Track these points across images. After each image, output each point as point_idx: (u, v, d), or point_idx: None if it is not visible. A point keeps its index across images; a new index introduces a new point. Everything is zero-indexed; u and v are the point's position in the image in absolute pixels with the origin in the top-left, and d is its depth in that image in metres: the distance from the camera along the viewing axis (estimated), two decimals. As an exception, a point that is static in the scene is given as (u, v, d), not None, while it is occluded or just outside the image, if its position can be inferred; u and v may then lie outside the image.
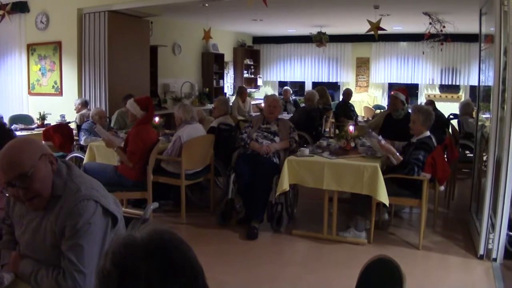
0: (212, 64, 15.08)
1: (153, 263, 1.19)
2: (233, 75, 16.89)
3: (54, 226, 2.29)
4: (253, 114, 12.02)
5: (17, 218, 2.52)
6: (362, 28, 10.62)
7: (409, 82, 15.65)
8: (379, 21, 9.74)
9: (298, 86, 17.93)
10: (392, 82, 16.09)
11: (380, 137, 5.87)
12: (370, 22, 9.77)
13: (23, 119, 9.85)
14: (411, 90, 14.71)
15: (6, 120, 9.17)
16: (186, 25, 13.81)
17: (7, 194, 2.37)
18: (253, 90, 17.36)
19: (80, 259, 2.22)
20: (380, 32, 10.01)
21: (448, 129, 8.84)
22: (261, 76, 18.02)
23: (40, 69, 10.74)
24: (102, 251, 2.29)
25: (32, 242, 2.39)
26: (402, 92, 7.39)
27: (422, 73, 15.61)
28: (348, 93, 12.05)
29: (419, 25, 11.02)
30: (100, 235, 2.30)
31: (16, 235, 2.54)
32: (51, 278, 2.23)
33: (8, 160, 2.27)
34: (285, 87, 14.22)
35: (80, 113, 8.82)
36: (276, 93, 16.25)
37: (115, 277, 1.19)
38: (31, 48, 10.82)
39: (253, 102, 14.14)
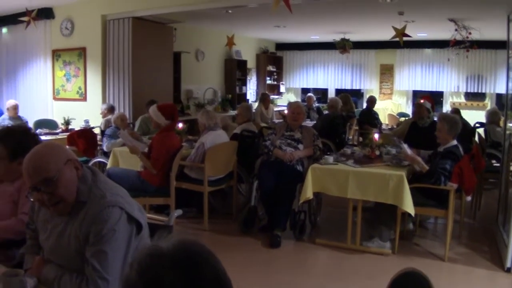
0: (235, 70, 15.09)
1: (179, 275, 1.15)
2: (256, 82, 16.86)
3: (79, 232, 2.28)
4: (276, 121, 11.96)
5: (42, 223, 2.51)
6: (386, 34, 10.54)
7: (433, 89, 15.47)
8: (404, 28, 9.65)
9: (321, 93, 17.84)
10: (416, 89, 15.93)
11: (405, 146, 5.80)
12: (395, 28, 9.69)
13: (48, 124, 9.91)
14: (436, 97, 14.56)
15: (31, 124, 9.26)
16: (209, 31, 13.83)
17: (31, 199, 2.35)
18: (276, 96, 17.30)
19: (104, 266, 2.20)
20: (404, 38, 9.92)
21: (474, 138, 8.73)
22: (284, 82, 17.98)
23: (64, 75, 10.83)
24: (126, 258, 2.28)
25: (56, 247, 2.38)
26: (428, 100, 7.31)
27: (447, 80, 15.43)
28: (372, 100, 11.97)
29: (444, 32, 10.91)
30: (124, 242, 2.28)
31: (40, 240, 2.53)
32: (74, 284, 2.22)
33: (34, 165, 2.27)
34: (309, 94, 14.16)
35: (105, 118, 8.86)
36: (299, 100, 16.20)
37: (140, 287, 1.16)
38: (56, 54, 10.92)
39: (276, 109, 14.09)
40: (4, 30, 11.89)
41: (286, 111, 7.66)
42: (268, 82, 17.21)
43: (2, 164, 3.17)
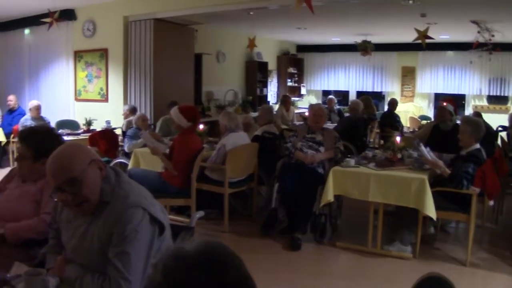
0: (255, 72, 15.12)
1: (204, 276, 1.15)
2: (276, 84, 16.88)
3: (102, 232, 2.29)
4: (297, 123, 11.94)
5: (65, 223, 2.53)
6: (407, 36, 10.50)
7: (455, 92, 15.36)
8: (426, 30, 9.59)
9: (342, 96, 17.78)
10: (438, 92, 15.85)
11: (427, 149, 5.75)
12: (417, 30, 9.63)
13: (70, 124, 10.01)
14: (458, 100, 14.47)
15: (53, 125, 9.35)
16: (230, 33, 13.87)
17: (55, 199, 2.37)
18: (297, 98, 17.29)
19: (126, 267, 2.20)
20: (427, 41, 9.86)
21: (497, 141, 8.65)
22: (304, 84, 17.98)
23: (86, 76, 10.92)
24: (148, 259, 2.28)
25: (78, 247, 2.39)
26: (450, 103, 7.26)
27: (470, 83, 15.30)
28: (393, 103, 11.89)
29: (467, 34, 10.84)
30: (146, 243, 2.28)
31: (63, 240, 2.54)
32: (97, 284, 2.22)
33: (58, 165, 2.29)
34: (330, 96, 14.12)
35: (127, 119, 8.91)
36: (320, 102, 16.16)
37: None
38: (78, 55, 11.02)
39: (296, 111, 14.07)
40: (27, 31, 12.01)
41: (307, 113, 7.65)
42: (289, 84, 17.23)
43: (25, 164, 3.20)
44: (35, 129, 3.38)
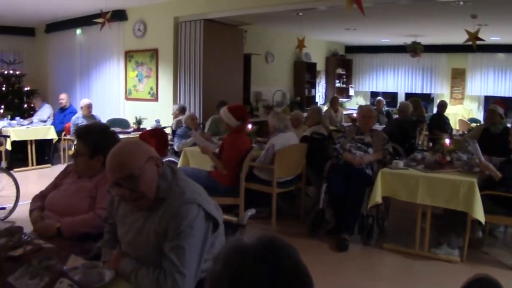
0: (304, 73, 15.13)
1: (264, 268, 1.19)
2: (324, 85, 16.85)
3: (158, 227, 2.34)
4: (345, 124, 11.92)
5: (121, 218, 2.60)
6: (457, 38, 10.37)
7: (506, 95, 15.05)
8: (477, 31, 9.46)
9: (391, 97, 17.61)
10: (488, 94, 15.57)
11: (478, 147, 5.69)
12: (468, 32, 9.52)
13: (120, 123, 10.19)
14: (508, 103, 14.19)
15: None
16: (279, 34, 13.90)
17: (113, 194, 2.44)
18: (345, 100, 17.21)
19: (181, 261, 2.25)
20: (477, 42, 9.73)
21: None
22: (353, 86, 17.89)
23: (137, 75, 11.10)
24: (202, 254, 2.33)
25: (134, 241, 2.45)
26: (501, 105, 7.16)
27: (521, 86, 15.05)
28: (443, 105, 11.75)
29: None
30: (201, 238, 2.33)
31: (119, 234, 2.61)
32: (152, 278, 2.27)
33: (118, 161, 2.37)
34: (378, 98, 14.04)
35: (176, 119, 9.04)
36: (369, 104, 16.06)
37: (226, 280, 1.21)
38: (128, 55, 11.21)
39: (344, 112, 14.03)
40: (79, 31, 12.28)
41: (355, 115, 7.62)
42: (337, 85, 17.16)
43: (82, 161, 3.30)
44: (92, 127, 3.45)
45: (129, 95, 11.37)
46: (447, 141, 6.39)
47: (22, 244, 2.76)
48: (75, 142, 3.57)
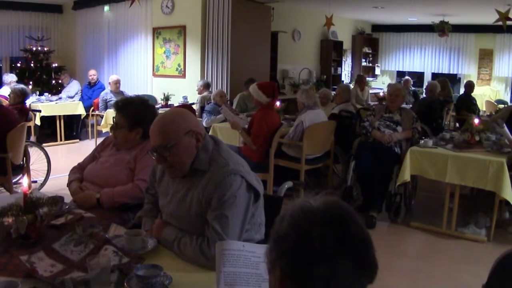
0: (330, 51, 15.07)
1: (330, 229, 1.22)
2: (351, 63, 16.78)
3: (201, 196, 2.38)
4: (371, 103, 11.86)
5: (164, 188, 2.64)
6: (486, 18, 10.26)
7: (535, 76, 14.92)
8: (508, 11, 9.35)
9: (417, 77, 17.47)
10: (517, 76, 15.43)
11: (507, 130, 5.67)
12: (499, 12, 9.40)
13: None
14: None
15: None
16: (307, 11, 13.83)
17: (153, 157, 2.48)
18: (371, 79, 17.13)
19: (225, 229, 2.30)
20: (508, 23, 9.61)
21: None
22: (379, 65, 17.79)
23: (164, 52, 11.13)
24: (244, 223, 2.38)
25: (176, 211, 2.50)
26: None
27: (551, 67, 14.84)
28: (470, 85, 11.65)
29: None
30: (243, 208, 2.38)
31: (161, 205, 2.66)
32: (195, 245, 2.31)
33: (157, 129, 2.43)
34: (406, 77, 13.99)
35: (201, 95, 9.07)
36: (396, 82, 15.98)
37: (292, 238, 1.23)
38: (156, 32, 11.25)
39: (371, 91, 13.97)
40: (106, 8, 12.34)
41: (381, 94, 7.54)
42: (363, 64, 17.10)
43: (120, 133, 3.35)
44: (131, 99, 3.49)
45: (157, 71, 11.41)
46: (476, 120, 6.33)
47: (64, 213, 2.83)
48: (114, 115, 3.60)
